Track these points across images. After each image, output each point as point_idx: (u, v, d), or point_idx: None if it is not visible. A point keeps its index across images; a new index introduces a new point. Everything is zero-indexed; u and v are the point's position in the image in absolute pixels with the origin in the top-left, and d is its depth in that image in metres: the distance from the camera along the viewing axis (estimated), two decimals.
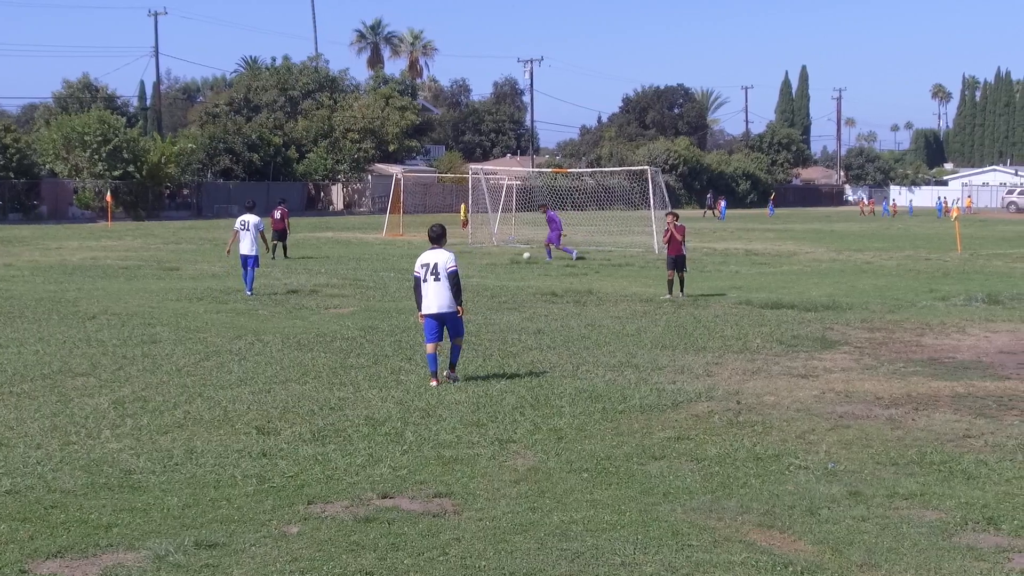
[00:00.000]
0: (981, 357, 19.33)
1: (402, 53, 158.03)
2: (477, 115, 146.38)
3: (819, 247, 52.17)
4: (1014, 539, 9.51)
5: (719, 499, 10.57)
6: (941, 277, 35.59)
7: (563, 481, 11.17)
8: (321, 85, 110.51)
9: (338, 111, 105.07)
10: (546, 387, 16.00)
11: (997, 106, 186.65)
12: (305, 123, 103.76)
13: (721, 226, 76.30)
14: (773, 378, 17.06)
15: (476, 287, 30.47)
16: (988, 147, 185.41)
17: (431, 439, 12.88)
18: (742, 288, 31.04)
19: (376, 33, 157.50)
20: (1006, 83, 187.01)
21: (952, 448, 12.67)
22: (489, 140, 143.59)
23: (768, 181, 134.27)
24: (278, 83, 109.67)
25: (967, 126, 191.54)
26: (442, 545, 9.23)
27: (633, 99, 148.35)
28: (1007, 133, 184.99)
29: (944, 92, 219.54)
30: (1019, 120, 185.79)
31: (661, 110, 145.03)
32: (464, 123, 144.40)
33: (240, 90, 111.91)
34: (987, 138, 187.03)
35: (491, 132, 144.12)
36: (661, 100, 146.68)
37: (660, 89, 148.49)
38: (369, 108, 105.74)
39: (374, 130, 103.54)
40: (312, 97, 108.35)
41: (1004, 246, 53.91)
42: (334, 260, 41.17)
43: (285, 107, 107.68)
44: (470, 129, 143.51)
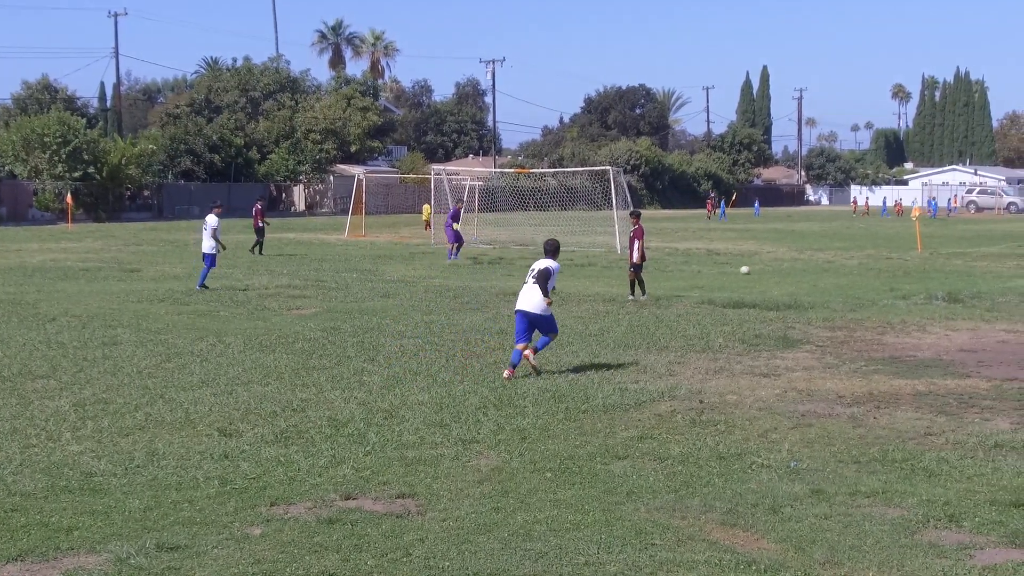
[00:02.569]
0: (942, 355, 19.44)
1: (364, 54, 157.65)
2: (439, 116, 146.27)
3: (780, 247, 52.35)
4: (975, 536, 9.55)
5: (682, 498, 10.58)
6: (902, 276, 35.76)
7: (527, 481, 11.16)
8: (282, 86, 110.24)
9: (300, 112, 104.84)
10: (509, 387, 15.99)
11: (956, 106, 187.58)
12: (267, 124, 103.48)
13: (686, 226, 76.36)
14: (735, 377, 17.11)
15: (439, 288, 30.48)
16: (948, 147, 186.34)
17: (394, 440, 12.85)
18: (704, 288, 31.11)
19: (337, 34, 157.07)
20: (965, 83, 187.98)
21: (914, 446, 12.73)
22: (451, 141, 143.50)
23: (730, 181, 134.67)
24: (239, 84, 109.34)
25: (927, 126, 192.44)
26: (405, 546, 9.21)
27: (595, 99, 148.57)
28: (966, 133, 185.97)
29: (904, 92, 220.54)
30: (978, 120, 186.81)
31: (623, 110, 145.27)
32: (426, 124, 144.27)
33: (201, 91, 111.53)
34: (947, 138, 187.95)
35: (453, 133, 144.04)
36: (623, 100, 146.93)
37: (622, 89, 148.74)
38: (331, 109, 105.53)
39: (336, 131, 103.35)
40: (273, 98, 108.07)
41: (964, 245, 54.25)
42: (296, 261, 41.02)
43: (246, 108, 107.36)
44: (432, 130, 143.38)
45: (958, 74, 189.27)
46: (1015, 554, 9.12)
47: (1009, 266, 40.63)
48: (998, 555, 9.10)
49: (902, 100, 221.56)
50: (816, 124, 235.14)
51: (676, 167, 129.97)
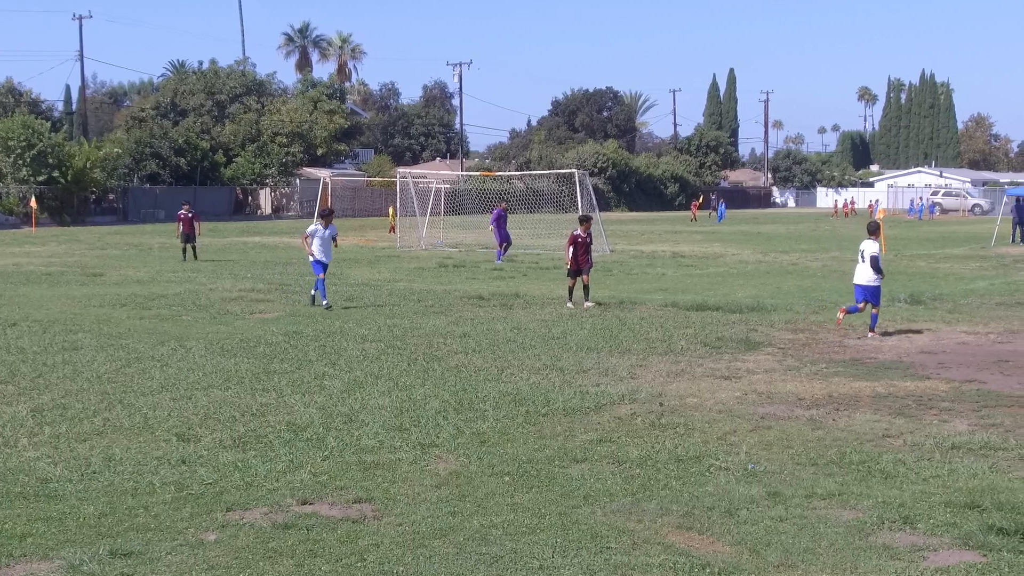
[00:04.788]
0: (902, 357, 19.53)
1: (330, 56, 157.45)
2: (406, 118, 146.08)
3: (745, 249, 52.49)
4: (929, 538, 9.60)
5: (639, 501, 10.59)
6: None
7: (484, 485, 11.15)
8: (249, 89, 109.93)
9: (266, 115, 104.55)
10: (470, 391, 15.98)
11: (922, 108, 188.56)
12: (233, 127, 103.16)
13: (652, 229, 76.47)
14: (696, 379, 17.14)
15: (403, 291, 30.45)
16: (913, 149, 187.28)
17: (353, 444, 12.82)
18: (668, 290, 31.16)
19: (304, 36, 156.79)
20: (931, 85, 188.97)
21: (871, 448, 12.78)
22: (419, 144, 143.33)
23: (696, 184, 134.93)
24: (205, 87, 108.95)
25: (893, 128, 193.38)
26: (360, 551, 9.19)
27: (562, 102, 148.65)
28: (932, 135, 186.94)
29: (870, 94, 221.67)
30: (943, 122, 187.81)
31: (590, 113, 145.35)
32: (393, 127, 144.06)
33: (167, 94, 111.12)
34: (912, 140, 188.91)
35: (420, 136, 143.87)
36: (590, 103, 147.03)
37: (589, 92, 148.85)
38: (297, 112, 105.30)
39: (302, 134, 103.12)
40: (240, 101, 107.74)
41: (928, 247, 54.51)
42: (260, 265, 40.88)
43: (212, 111, 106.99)
44: (399, 133, 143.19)
45: (924, 77, 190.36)
46: (968, 556, 9.16)
47: (971, 268, 40.85)
48: (951, 557, 9.14)
49: (868, 102, 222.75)
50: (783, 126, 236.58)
51: (643, 170, 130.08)
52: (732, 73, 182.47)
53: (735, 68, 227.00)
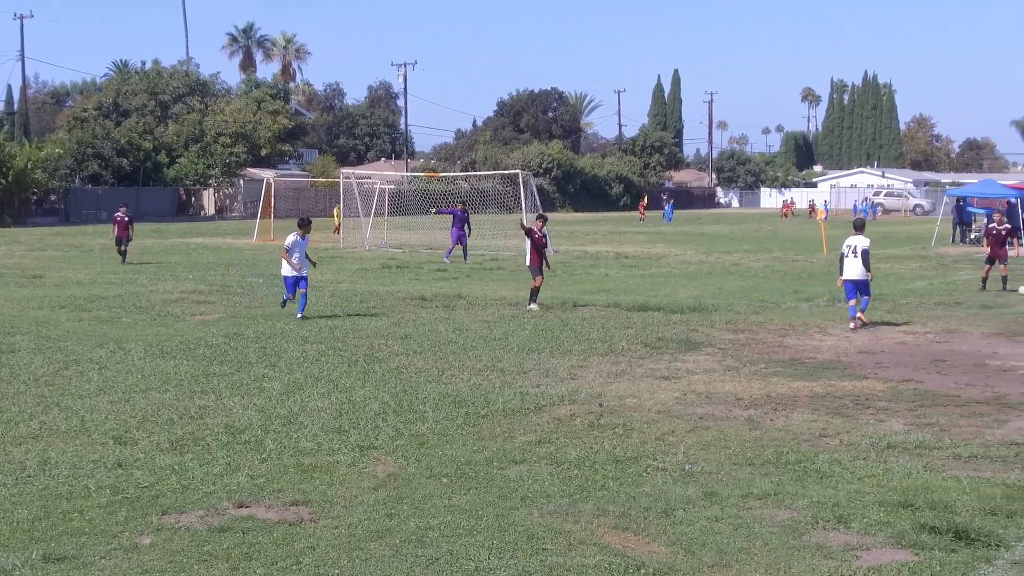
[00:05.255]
0: (841, 357, 19.68)
1: (275, 57, 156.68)
2: (351, 119, 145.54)
3: (688, 249, 52.68)
4: (863, 537, 9.68)
5: (576, 502, 10.63)
6: (807, 278, 36.12)
7: (422, 487, 11.15)
8: (192, 89, 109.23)
9: (209, 115, 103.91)
10: (410, 392, 15.98)
11: (865, 109, 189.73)
12: (176, 127, 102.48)
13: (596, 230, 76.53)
14: (636, 380, 17.21)
15: (346, 292, 30.39)
16: (856, 149, 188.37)
17: (291, 447, 12.79)
18: (611, 291, 31.22)
19: (248, 36, 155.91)
20: (873, 86, 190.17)
21: (808, 448, 12.88)
22: (364, 144, 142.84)
23: (641, 184, 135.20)
24: (148, 87, 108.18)
25: (836, 128, 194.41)
26: (296, 554, 9.18)
27: (508, 103, 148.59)
28: (874, 136, 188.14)
29: (813, 95, 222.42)
30: (886, 123, 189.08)
31: (535, 114, 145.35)
32: (338, 127, 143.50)
33: (109, 94, 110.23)
34: (855, 140, 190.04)
35: (365, 136, 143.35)
36: (535, 104, 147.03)
37: (534, 93, 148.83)
38: (241, 112, 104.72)
39: (246, 134, 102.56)
40: (183, 101, 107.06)
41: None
42: (203, 266, 40.66)
43: (155, 111, 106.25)
44: (344, 133, 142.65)
45: (866, 78, 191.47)
46: (900, 555, 9.25)
47: (912, 268, 41.20)
48: (884, 556, 9.23)
49: (812, 103, 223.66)
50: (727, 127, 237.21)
51: (588, 170, 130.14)
52: (676, 74, 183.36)
53: (679, 69, 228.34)
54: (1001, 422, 14.41)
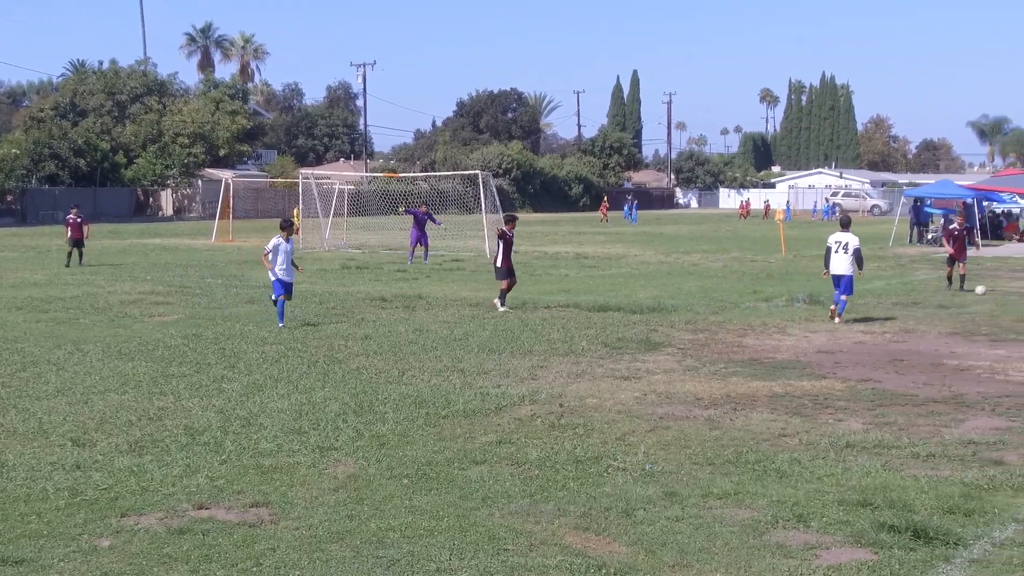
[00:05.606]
0: (800, 357, 19.77)
1: (233, 57, 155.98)
2: (310, 119, 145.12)
3: (648, 250, 52.80)
4: (822, 536, 9.73)
5: (537, 502, 10.63)
6: (765, 278, 36.28)
7: (382, 488, 11.13)
8: (150, 89, 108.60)
9: (167, 115, 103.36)
10: (371, 393, 15.95)
11: (822, 110, 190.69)
12: (134, 128, 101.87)
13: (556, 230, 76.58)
14: (597, 380, 17.23)
15: (305, 293, 30.23)
16: (814, 150, 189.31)
17: (251, 448, 12.75)
18: (571, 291, 31.26)
19: (206, 36, 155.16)
20: (831, 87, 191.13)
21: (768, 447, 12.93)
22: (322, 144, 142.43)
23: (600, 185, 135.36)
24: (106, 87, 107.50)
25: (794, 129, 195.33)
26: (256, 555, 9.14)
27: (467, 103, 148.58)
28: (832, 136, 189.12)
29: (772, 96, 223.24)
30: (843, 123, 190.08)
31: (495, 114, 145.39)
32: (297, 127, 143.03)
33: (66, 94, 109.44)
34: (813, 141, 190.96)
35: (324, 136, 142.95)
36: (495, 104, 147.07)
37: (494, 93, 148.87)
38: (199, 112, 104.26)
39: (204, 134, 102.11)
40: (141, 101, 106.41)
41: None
42: (161, 267, 40.43)
43: (113, 112, 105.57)
44: (303, 133, 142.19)
45: (824, 79, 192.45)
46: (859, 553, 9.30)
47: (870, 268, 41.25)
48: (843, 555, 9.28)
49: (770, 104, 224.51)
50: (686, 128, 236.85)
51: (547, 171, 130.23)
52: (635, 75, 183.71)
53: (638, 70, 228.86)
54: (958, 421, 14.52)
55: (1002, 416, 14.84)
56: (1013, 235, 64.11)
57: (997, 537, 9.70)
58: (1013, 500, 10.82)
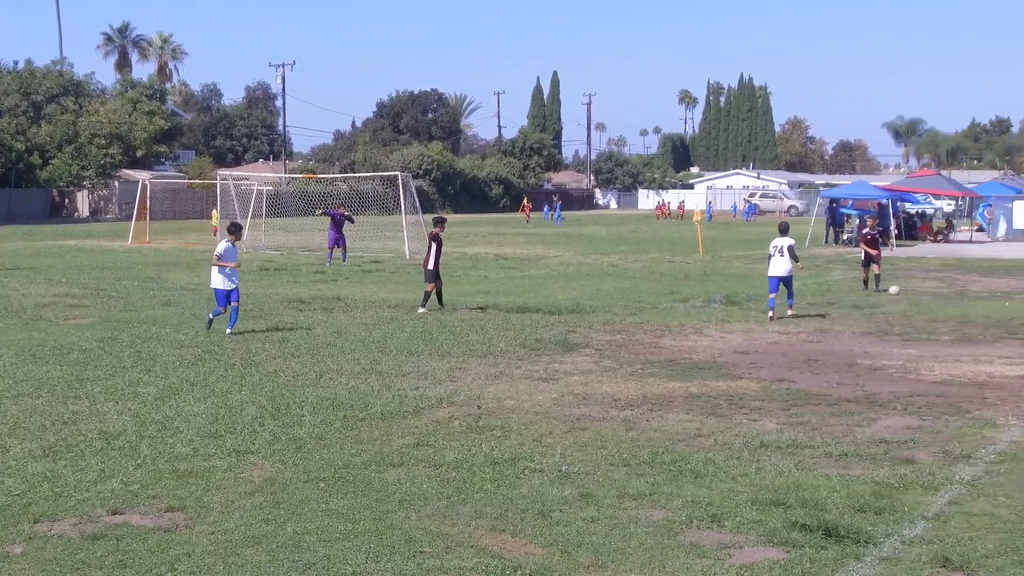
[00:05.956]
0: (716, 357, 19.93)
1: (151, 57, 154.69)
2: (229, 120, 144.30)
3: (567, 251, 52.98)
4: (735, 535, 9.83)
5: (454, 504, 10.66)
6: (683, 279, 36.52)
7: (299, 491, 11.12)
8: (66, 89, 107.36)
9: (84, 116, 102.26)
10: (288, 396, 15.90)
11: (740, 111, 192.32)
12: (49, 128, 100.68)
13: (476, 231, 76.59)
14: (515, 382, 17.29)
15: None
16: (732, 151, 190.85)
17: (167, 452, 12.67)
18: (490, 292, 31.30)
19: (124, 36, 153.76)
20: (749, 89, 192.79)
21: (683, 447, 13.04)
22: (241, 145, 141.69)
23: (520, 186, 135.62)
24: (20, 87, 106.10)
25: (712, 130, 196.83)
26: (171, 561, 9.10)
27: (387, 104, 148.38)
28: (750, 137, 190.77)
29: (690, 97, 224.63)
30: (761, 124, 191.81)
31: (415, 115, 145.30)
32: (215, 128, 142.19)
33: None
34: (731, 142, 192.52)
35: (243, 137, 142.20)
36: (415, 105, 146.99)
37: (414, 94, 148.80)
38: (116, 113, 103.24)
39: (121, 135, 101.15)
40: (56, 101, 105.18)
41: (744, 248, 55.64)
42: (76, 269, 40.01)
43: (28, 112, 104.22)
44: (221, 134, 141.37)
45: (742, 80, 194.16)
46: (772, 552, 9.41)
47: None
48: (756, 554, 9.38)
49: (689, 105, 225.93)
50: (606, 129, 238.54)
51: (468, 171, 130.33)
52: (555, 76, 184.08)
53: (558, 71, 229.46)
54: (871, 420, 14.71)
55: (913, 415, 15.06)
56: (927, 235, 65.00)
57: (907, 535, 9.85)
58: (923, 498, 10.99)
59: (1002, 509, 10.65)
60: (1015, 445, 13.36)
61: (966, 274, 39.64)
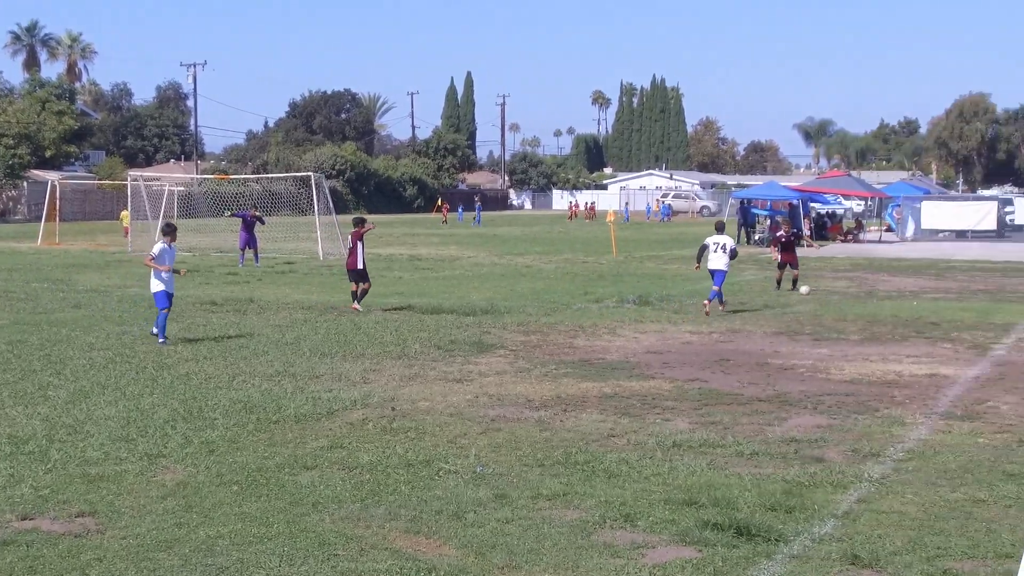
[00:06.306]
0: (629, 357, 20.04)
1: (60, 56, 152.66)
2: (140, 120, 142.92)
3: (482, 251, 53.02)
4: (649, 535, 9.90)
5: (368, 507, 10.65)
6: (596, 280, 36.68)
7: (212, 495, 11.05)
8: None
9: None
10: (200, 399, 15.78)
11: (653, 112, 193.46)
12: None
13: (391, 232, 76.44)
14: (429, 383, 17.28)
15: (134, 297, 29.86)
16: (645, 152, 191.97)
17: (77, 456, 12.54)
18: (404, 293, 31.27)
19: (32, 35, 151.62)
20: (661, 90, 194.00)
21: (596, 448, 13.10)
22: (152, 145, 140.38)
23: (435, 186, 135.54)
24: None
25: (625, 131, 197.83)
26: (82, 566, 9.01)
27: (300, 104, 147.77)
28: (663, 138, 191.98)
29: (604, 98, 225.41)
30: (674, 125, 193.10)
31: (328, 115, 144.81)
32: (126, 128, 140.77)
33: None
34: (644, 143, 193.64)
35: (154, 137, 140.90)
36: (328, 105, 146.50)
37: (327, 94, 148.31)
38: (24, 112, 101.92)
39: (30, 135, 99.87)
40: None
41: (657, 248, 55.96)
42: None
43: None
44: (132, 134, 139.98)
45: (655, 81, 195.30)
46: (684, 551, 9.49)
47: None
48: (668, 553, 9.45)
49: (602, 106, 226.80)
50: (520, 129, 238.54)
51: (382, 172, 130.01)
52: (469, 76, 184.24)
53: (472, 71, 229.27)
54: (781, 419, 14.87)
55: (823, 414, 15.24)
56: (837, 236, 65.76)
57: (817, 533, 9.97)
58: (832, 496, 11.13)
59: (910, 507, 10.81)
60: (923, 443, 13.56)
61: (875, 274, 40.19)
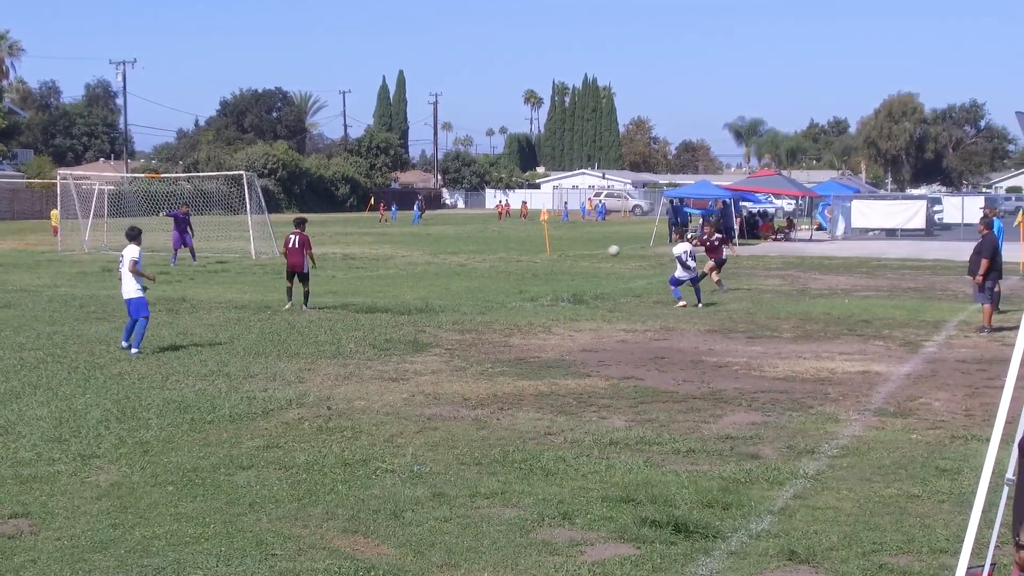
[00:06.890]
0: (565, 356, 20.07)
1: None
2: (68, 118, 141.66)
3: (415, 250, 52.92)
4: (587, 532, 9.92)
5: (305, 506, 10.60)
6: (531, 278, 36.72)
7: (147, 495, 10.96)
8: None
9: None
10: (133, 399, 15.65)
11: (585, 111, 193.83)
12: None
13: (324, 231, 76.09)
14: (365, 382, 17.24)
15: (64, 296, 29.54)
16: (577, 151, 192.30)
17: (9, 457, 12.39)
18: (338, 293, 31.15)
19: None
20: (593, 89, 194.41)
21: (534, 446, 13.12)
22: (82, 144, 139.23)
23: (367, 185, 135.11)
24: None
25: (557, 130, 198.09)
26: (16, 568, 8.92)
27: (231, 102, 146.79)
28: (595, 137, 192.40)
29: (536, 97, 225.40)
30: (606, 125, 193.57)
31: (259, 113, 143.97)
32: (54, 126, 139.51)
33: None
34: (576, 142, 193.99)
35: (83, 136, 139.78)
36: (259, 104, 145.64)
37: (258, 92, 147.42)
38: None
39: None
40: None
41: (591, 247, 56.07)
42: None
43: None
44: (61, 132, 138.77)
45: (587, 81, 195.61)
46: (623, 548, 9.52)
47: (631, 267, 42.32)
48: (607, 550, 9.48)
49: (534, 105, 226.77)
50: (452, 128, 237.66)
51: (314, 171, 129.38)
52: (401, 75, 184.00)
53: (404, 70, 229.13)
54: (717, 417, 14.95)
55: (758, 411, 15.34)
56: (768, 234, 66.21)
57: (753, 529, 10.04)
58: (768, 493, 11.20)
59: (845, 502, 10.90)
60: (857, 439, 13.68)
61: (807, 272, 40.49)
